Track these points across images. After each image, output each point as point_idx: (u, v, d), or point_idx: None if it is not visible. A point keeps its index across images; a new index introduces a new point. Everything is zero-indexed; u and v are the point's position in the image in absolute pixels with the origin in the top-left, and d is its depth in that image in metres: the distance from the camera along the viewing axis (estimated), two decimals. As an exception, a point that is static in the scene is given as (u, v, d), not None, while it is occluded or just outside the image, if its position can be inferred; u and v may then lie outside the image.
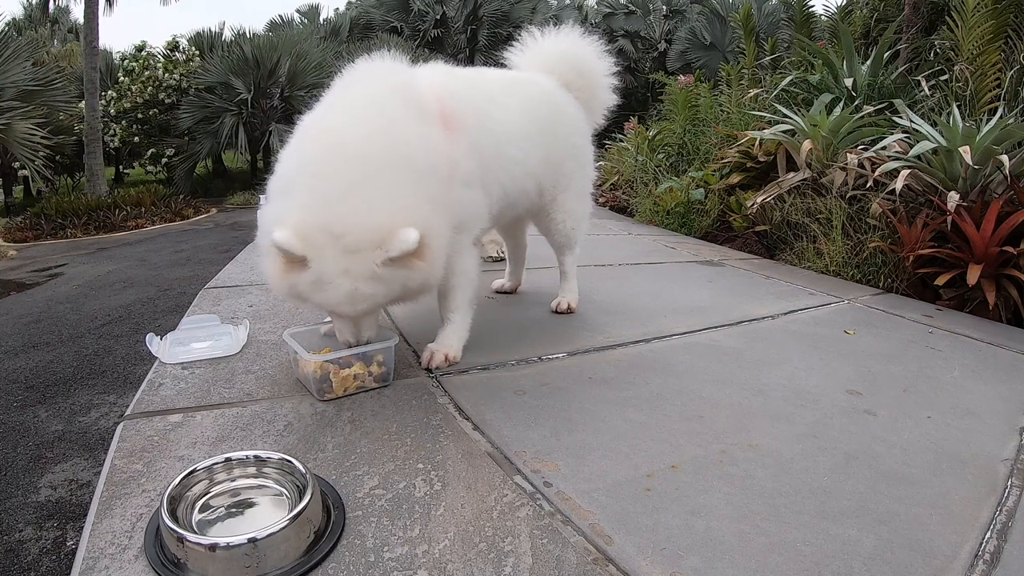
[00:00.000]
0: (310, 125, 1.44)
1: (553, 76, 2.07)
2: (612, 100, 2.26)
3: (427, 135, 1.44)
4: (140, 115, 13.16)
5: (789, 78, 4.55)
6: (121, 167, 15.68)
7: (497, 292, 2.40)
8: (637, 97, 14.14)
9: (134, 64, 13.26)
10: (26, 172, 10.04)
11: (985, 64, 3.71)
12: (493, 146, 1.67)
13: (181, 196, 10.81)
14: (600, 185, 5.95)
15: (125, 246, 7.79)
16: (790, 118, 3.76)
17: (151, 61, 13.32)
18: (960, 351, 2.04)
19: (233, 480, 1.07)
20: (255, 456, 1.09)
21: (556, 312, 2.15)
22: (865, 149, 3.35)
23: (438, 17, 16.27)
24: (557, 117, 1.98)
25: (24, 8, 20.64)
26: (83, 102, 10.45)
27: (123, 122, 13.16)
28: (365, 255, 1.26)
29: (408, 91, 1.50)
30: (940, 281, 2.63)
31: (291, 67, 12.14)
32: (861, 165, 3.20)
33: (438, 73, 1.70)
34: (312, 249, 1.25)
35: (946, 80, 3.98)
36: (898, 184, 2.79)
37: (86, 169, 10.50)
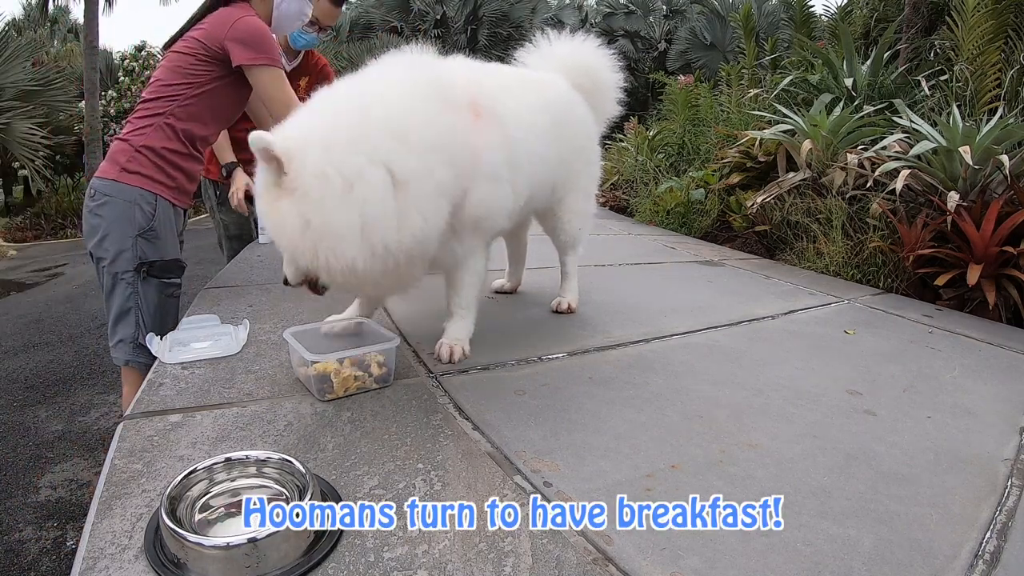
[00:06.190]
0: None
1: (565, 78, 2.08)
2: (616, 111, 2.29)
3: (445, 118, 1.41)
4: (140, 115, 13.14)
5: (789, 78, 4.55)
6: (121, 167, 15.66)
7: (497, 292, 2.40)
8: (637, 97, 14.11)
9: (134, 64, 13.26)
10: (26, 172, 10.02)
11: (985, 64, 3.71)
12: (523, 141, 1.67)
13: (181, 196, 10.78)
14: (600, 185, 5.93)
15: (125, 246, 7.78)
16: (790, 118, 3.76)
17: (151, 61, 13.31)
18: (960, 351, 2.04)
19: (233, 480, 1.07)
20: (255, 456, 1.09)
21: (556, 312, 2.15)
22: (865, 149, 3.35)
23: (438, 17, 16.25)
24: (570, 117, 2.00)
25: (24, 8, 20.62)
26: (83, 102, 10.45)
27: (123, 122, 13.16)
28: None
29: (431, 75, 1.47)
30: (940, 281, 2.63)
31: (291, 67, 12.12)
32: (861, 165, 3.21)
33: (471, 68, 1.71)
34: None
35: (946, 80, 3.98)
36: (898, 184, 2.79)
37: (86, 169, 10.50)
